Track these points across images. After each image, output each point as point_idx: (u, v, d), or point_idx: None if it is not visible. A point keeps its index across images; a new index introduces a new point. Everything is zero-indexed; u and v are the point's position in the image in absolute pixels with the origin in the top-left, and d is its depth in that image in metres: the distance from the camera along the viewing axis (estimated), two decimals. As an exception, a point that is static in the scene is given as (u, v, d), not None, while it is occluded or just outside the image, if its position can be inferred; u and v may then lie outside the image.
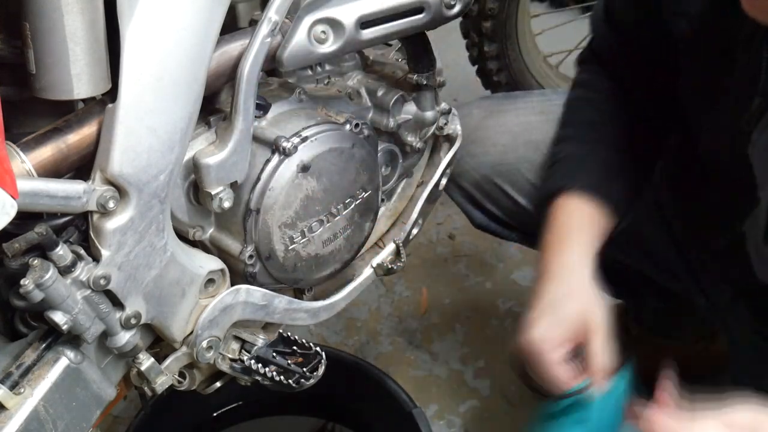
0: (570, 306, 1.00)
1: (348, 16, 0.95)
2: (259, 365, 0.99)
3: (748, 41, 0.92)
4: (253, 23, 0.99)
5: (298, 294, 1.13)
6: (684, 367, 1.62)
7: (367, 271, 1.16)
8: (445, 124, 1.20)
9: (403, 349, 1.82)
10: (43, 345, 0.85)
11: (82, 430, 0.88)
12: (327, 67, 1.11)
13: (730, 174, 1.03)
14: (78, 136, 0.81)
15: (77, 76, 0.78)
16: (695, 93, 1.07)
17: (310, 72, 1.09)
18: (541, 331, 0.99)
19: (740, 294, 1.11)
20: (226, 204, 0.92)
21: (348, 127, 1.00)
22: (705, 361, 1.60)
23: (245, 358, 1.00)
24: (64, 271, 0.81)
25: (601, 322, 0.98)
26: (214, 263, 0.97)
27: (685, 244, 1.23)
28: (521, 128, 1.33)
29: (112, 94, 0.80)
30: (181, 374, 1.01)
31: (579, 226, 1.08)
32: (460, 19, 1.44)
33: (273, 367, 0.99)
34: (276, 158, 0.94)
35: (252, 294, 0.99)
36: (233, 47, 0.90)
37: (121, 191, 0.82)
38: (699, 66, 1.04)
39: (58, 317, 0.80)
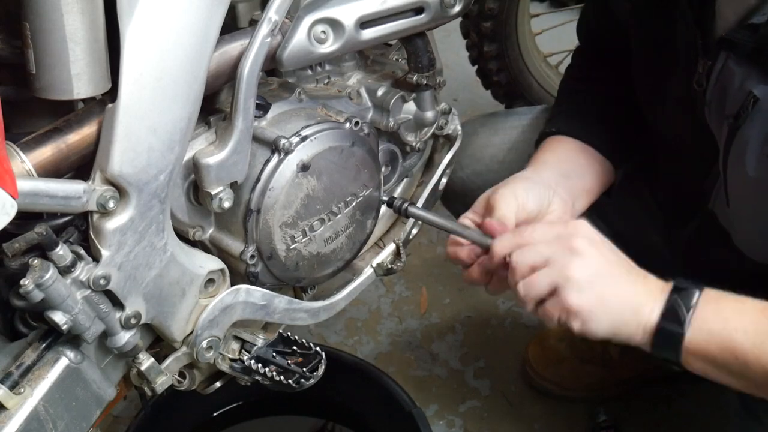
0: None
1: (348, 16, 0.95)
2: (259, 365, 0.99)
3: (682, 8, 0.99)
4: (253, 23, 0.99)
5: (299, 294, 1.13)
6: (688, 370, 1.63)
7: (367, 271, 1.16)
8: (445, 123, 1.20)
9: (403, 349, 1.82)
10: (43, 345, 0.85)
11: (82, 430, 0.88)
12: (327, 67, 1.11)
13: (691, 148, 1.08)
14: (78, 136, 0.81)
15: (77, 76, 0.78)
16: (646, 71, 1.13)
17: (310, 72, 1.09)
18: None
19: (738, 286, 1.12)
20: (226, 204, 0.92)
21: (348, 125, 1.00)
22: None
23: (245, 358, 1.00)
24: (64, 271, 0.81)
25: (498, 196, 1.03)
26: (214, 263, 0.97)
27: (676, 236, 1.24)
28: (527, 145, 1.34)
29: (112, 94, 0.80)
30: (181, 374, 1.01)
31: (543, 157, 1.18)
32: (460, 19, 1.44)
33: (273, 367, 0.99)
34: (276, 158, 0.94)
35: (252, 294, 0.99)
36: (233, 47, 0.90)
37: (121, 191, 0.82)
38: (644, 41, 1.11)
39: (58, 317, 0.80)
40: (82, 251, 0.83)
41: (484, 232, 0.98)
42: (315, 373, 1.00)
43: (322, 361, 1.01)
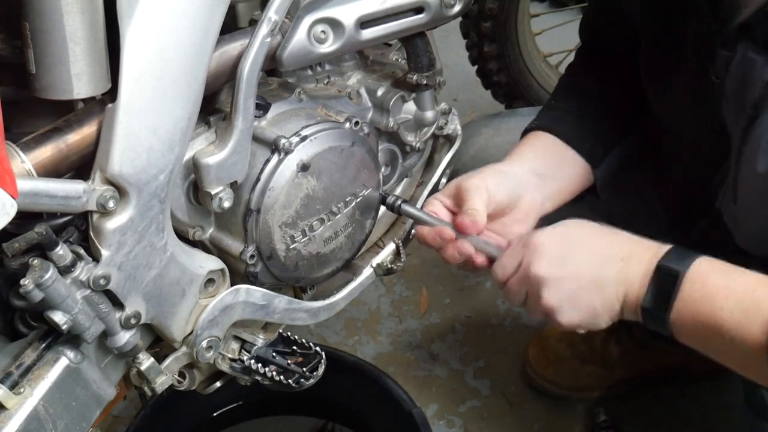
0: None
1: (348, 16, 0.95)
2: (259, 365, 0.99)
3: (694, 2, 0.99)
4: (253, 23, 0.99)
5: (298, 294, 1.13)
6: (688, 370, 1.63)
7: (367, 271, 1.15)
8: (445, 123, 1.20)
9: (403, 349, 1.82)
10: (43, 345, 0.85)
11: (82, 429, 0.88)
12: (327, 67, 1.11)
13: (702, 142, 1.08)
14: (78, 136, 0.81)
15: (77, 76, 0.78)
16: (656, 64, 1.13)
17: (310, 72, 1.09)
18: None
19: None
20: (226, 204, 0.92)
21: (348, 125, 1.00)
22: (709, 364, 1.59)
23: (245, 358, 1.00)
24: (64, 271, 0.81)
25: (470, 186, 1.04)
26: (214, 263, 0.97)
27: (681, 236, 1.24)
28: None
29: (112, 94, 0.80)
30: (181, 374, 1.01)
31: (521, 151, 1.18)
32: (460, 19, 1.44)
33: (273, 367, 0.99)
34: (276, 158, 0.94)
35: (252, 294, 0.99)
36: (233, 47, 0.90)
37: (121, 191, 0.82)
38: (654, 34, 1.11)
39: (58, 317, 0.80)
40: (82, 251, 0.83)
41: (456, 228, 1.01)
42: (315, 373, 1.00)
43: (322, 361, 1.01)
